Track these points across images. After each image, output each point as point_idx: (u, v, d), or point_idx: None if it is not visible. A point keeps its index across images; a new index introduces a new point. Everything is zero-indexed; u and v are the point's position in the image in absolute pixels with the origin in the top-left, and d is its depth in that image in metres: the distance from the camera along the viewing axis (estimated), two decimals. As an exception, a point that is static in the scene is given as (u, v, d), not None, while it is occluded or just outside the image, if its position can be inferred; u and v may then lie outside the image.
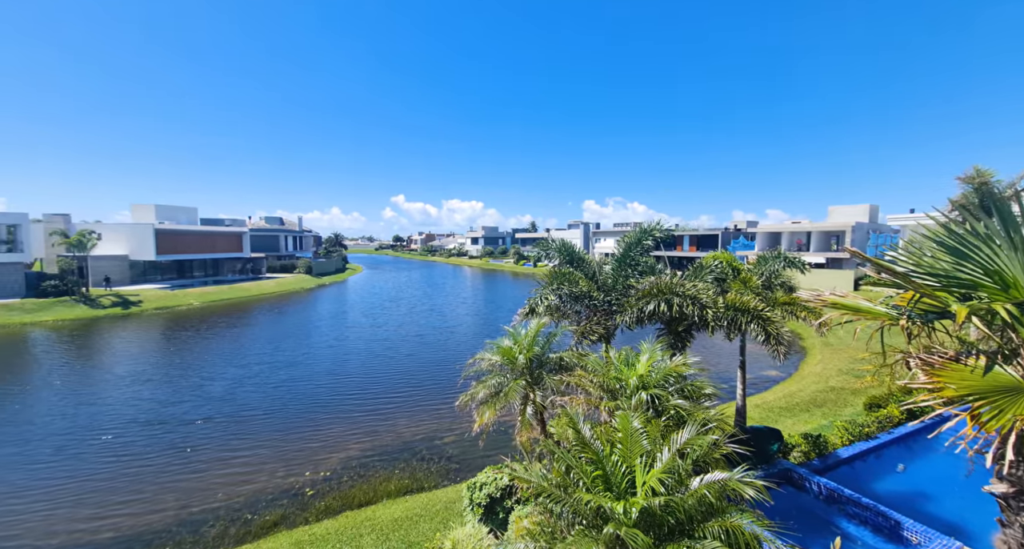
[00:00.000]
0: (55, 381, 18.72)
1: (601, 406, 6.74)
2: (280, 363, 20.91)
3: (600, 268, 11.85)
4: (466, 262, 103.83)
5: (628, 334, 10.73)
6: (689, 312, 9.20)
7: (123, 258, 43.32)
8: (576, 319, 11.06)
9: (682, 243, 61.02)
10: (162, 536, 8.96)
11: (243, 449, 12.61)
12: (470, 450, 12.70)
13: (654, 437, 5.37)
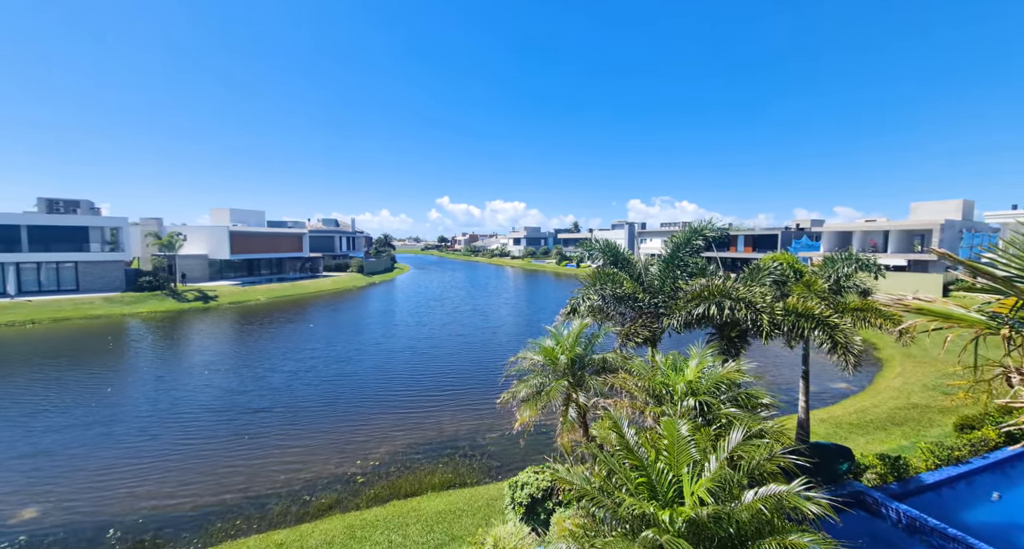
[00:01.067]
0: (145, 366, 21.24)
1: (646, 411, 6.53)
2: (332, 358, 22.25)
3: (646, 269, 11.48)
4: (508, 262, 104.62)
5: (675, 338, 10.31)
6: (742, 317, 8.67)
7: (203, 257, 48.21)
8: (620, 321, 10.79)
9: (736, 244, 57.47)
10: (234, 510, 9.87)
11: (301, 437, 13.56)
12: (511, 449, 12.79)
13: (703, 445, 5.13)
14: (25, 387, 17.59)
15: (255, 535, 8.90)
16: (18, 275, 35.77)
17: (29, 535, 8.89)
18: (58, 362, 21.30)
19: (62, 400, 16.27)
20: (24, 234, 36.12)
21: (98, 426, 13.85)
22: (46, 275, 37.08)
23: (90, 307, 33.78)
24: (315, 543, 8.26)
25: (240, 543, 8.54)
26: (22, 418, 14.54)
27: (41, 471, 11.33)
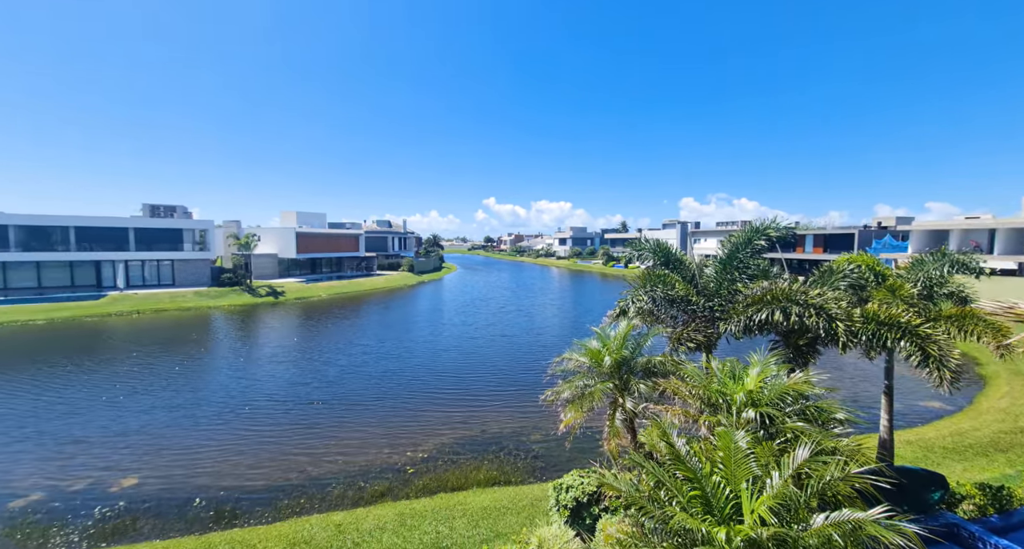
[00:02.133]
0: (223, 356, 23.63)
1: (700, 420, 6.19)
2: (383, 354, 23.38)
3: (700, 271, 10.90)
4: (553, 263, 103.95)
5: (734, 344, 9.68)
6: (812, 324, 7.94)
7: (273, 256, 52.76)
8: (671, 324, 10.33)
9: (804, 244, 52.79)
10: (298, 490, 10.71)
11: (355, 427, 14.40)
12: (556, 450, 12.70)
13: (764, 460, 4.78)
14: (125, 370, 20.28)
15: (316, 514, 9.58)
16: (126, 271, 41.32)
17: (128, 500, 10.24)
18: (152, 349, 24.33)
19: (153, 384, 18.56)
20: (131, 236, 41.66)
21: (182, 409, 15.60)
22: (148, 271, 42.50)
23: (183, 300, 38.23)
24: (369, 527, 8.74)
25: (304, 520, 9.24)
26: (122, 398, 16.77)
27: (137, 446, 12.99)
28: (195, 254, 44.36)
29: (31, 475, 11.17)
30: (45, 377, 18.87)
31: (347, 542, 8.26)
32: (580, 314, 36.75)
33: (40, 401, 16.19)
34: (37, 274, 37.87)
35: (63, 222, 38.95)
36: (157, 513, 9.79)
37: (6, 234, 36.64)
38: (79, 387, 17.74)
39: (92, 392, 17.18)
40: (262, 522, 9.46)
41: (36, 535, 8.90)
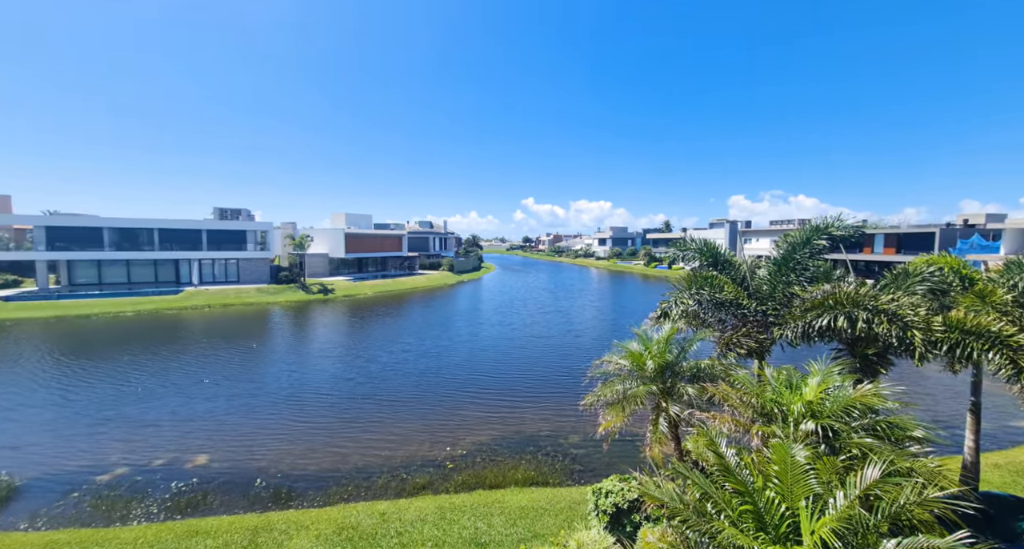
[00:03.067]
0: (279, 349, 25.38)
1: (752, 430, 5.85)
2: (422, 352, 24.09)
3: (752, 272, 10.28)
4: (592, 263, 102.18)
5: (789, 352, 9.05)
6: (882, 331, 7.25)
7: (324, 255, 55.97)
8: (719, 328, 9.82)
9: (872, 244, 48.25)
10: (346, 478, 11.31)
11: (397, 422, 14.94)
12: (594, 453, 12.50)
13: (826, 477, 4.43)
14: (193, 359, 22.32)
15: (362, 502, 10.06)
16: (199, 269, 45.53)
17: (200, 478, 11.27)
18: (217, 342, 26.61)
19: (216, 373, 20.27)
20: (204, 237, 45.83)
21: (241, 398, 16.90)
22: (218, 269, 46.56)
23: (246, 296, 41.53)
24: (411, 518, 9.05)
25: (351, 506, 9.74)
26: (190, 385, 18.47)
27: (205, 430, 14.27)
28: (257, 254, 48.01)
29: (115, 452, 12.61)
30: (127, 364, 21.21)
31: (391, 531, 8.60)
32: (620, 316, 35.87)
33: (122, 386, 18.22)
34: (127, 271, 42.69)
35: (148, 225, 43.60)
36: (224, 490, 10.71)
37: (101, 236, 41.59)
38: (154, 374, 19.77)
39: (164, 379, 19.09)
40: (314, 505, 10.08)
41: (120, 506, 10.02)
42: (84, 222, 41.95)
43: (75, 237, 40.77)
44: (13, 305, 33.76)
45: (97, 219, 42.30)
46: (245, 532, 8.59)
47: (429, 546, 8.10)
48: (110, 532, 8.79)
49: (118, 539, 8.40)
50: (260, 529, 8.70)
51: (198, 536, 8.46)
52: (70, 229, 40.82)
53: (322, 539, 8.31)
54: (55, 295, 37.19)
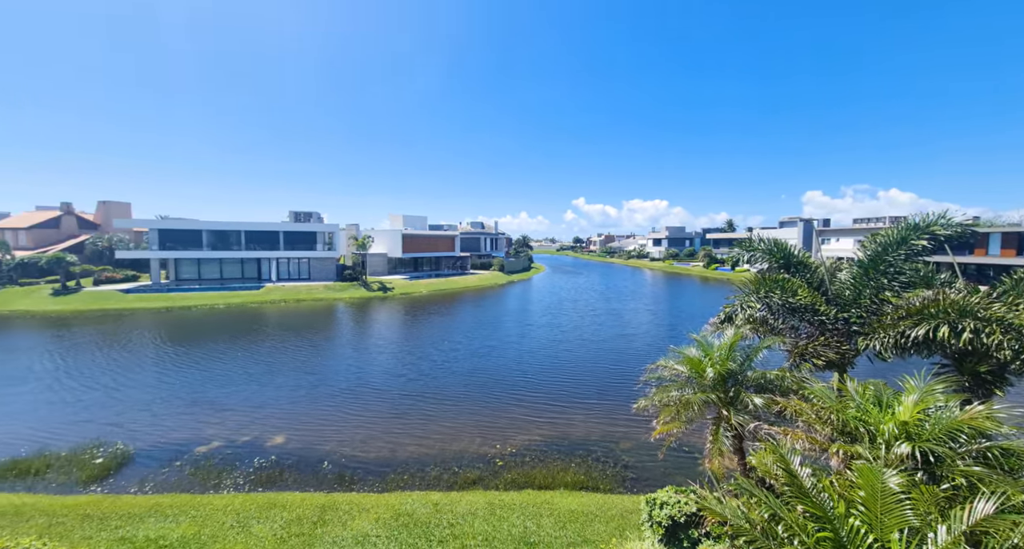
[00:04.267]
0: (341, 343, 27.26)
1: (831, 449, 5.30)
2: (472, 351, 24.62)
3: (831, 275, 9.32)
4: (647, 264, 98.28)
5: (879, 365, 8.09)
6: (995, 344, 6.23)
7: (383, 255, 59.33)
8: (791, 336, 9.02)
9: (986, 245, 41.54)
10: (402, 467, 11.91)
11: (448, 417, 15.42)
12: (648, 462, 12.03)
13: (924, 508, 3.90)
14: (266, 350, 24.65)
15: (417, 491, 10.53)
16: (276, 267, 50.31)
17: (277, 454, 12.44)
18: (287, 334, 29.17)
19: (286, 364, 22.21)
20: (281, 238, 50.59)
21: (304, 389, 18.28)
22: (292, 267, 51.16)
23: (316, 292, 45.21)
24: (462, 511, 9.31)
25: (406, 495, 10.23)
26: (263, 374, 20.40)
27: (280, 414, 15.70)
28: (325, 253, 52.07)
29: (210, 427, 14.30)
30: (215, 352, 23.97)
31: (443, 521, 8.91)
32: (676, 320, 34.14)
33: (210, 371, 20.61)
34: (220, 268, 48.31)
35: (237, 227, 48.99)
36: (297, 469, 11.75)
37: (201, 237, 47.44)
38: (236, 362, 22.12)
39: (243, 365, 21.29)
40: (373, 490, 10.72)
41: (213, 476, 11.35)
42: (187, 225, 48.11)
43: (180, 238, 46.93)
44: (132, 297, 39.58)
45: (197, 222, 48.31)
46: (315, 509, 9.35)
47: (479, 540, 8.27)
48: (205, 498, 9.99)
49: (211, 505, 9.52)
50: (327, 507, 9.43)
51: (276, 508, 9.36)
52: (177, 231, 47.08)
53: (381, 523, 8.81)
54: (164, 289, 43.07)
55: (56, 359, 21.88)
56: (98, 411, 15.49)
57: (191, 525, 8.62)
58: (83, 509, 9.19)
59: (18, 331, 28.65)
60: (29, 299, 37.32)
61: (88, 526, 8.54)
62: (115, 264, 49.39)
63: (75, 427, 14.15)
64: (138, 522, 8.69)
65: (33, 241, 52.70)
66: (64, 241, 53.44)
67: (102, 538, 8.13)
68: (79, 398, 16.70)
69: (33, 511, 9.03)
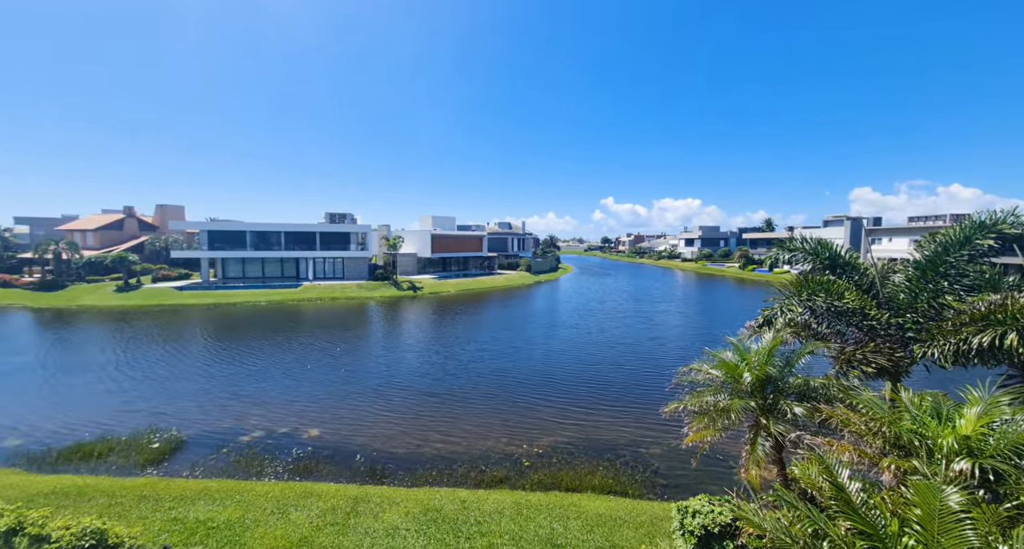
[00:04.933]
0: (373, 340, 28.06)
1: (883, 464, 4.97)
2: (499, 352, 24.76)
3: (883, 277, 8.73)
4: (678, 265, 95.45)
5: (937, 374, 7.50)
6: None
7: (413, 255, 60.69)
8: (837, 342, 8.50)
9: (1063, 243, 37.43)
10: (430, 463, 12.15)
11: (476, 415, 15.59)
12: (679, 468, 11.68)
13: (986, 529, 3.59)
14: (303, 347, 25.72)
15: (445, 488, 10.71)
16: (313, 266, 52.52)
17: (313, 446, 12.99)
18: (322, 331, 30.33)
19: (319, 360, 23.09)
20: (318, 238, 52.78)
21: (337, 384, 18.89)
22: (327, 266, 53.26)
23: (349, 291, 46.85)
24: (489, 509, 9.38)
25: (435, 490, 10.42)
26: (299, 370, 21.30)
27: (313, 409, 16.36)
28: (358, 253, 53.87)
29: (253, 417, 15.11)
30: (256, 347, 25.28)
31: (470, 519, 9.01)
32: (710, 323, 32.94)
33: (253, 365, 21.75)
34: (262, 267, 50.97)
35: (277, 228, 51.53)
36: (331, 461, 12.22)
37: (244, 238, 50.22)
38: (274, 357, 23.24)
39: (281, 361, 22.33)
40: (403, 484, 10.99)
41: (255, 464, 11.98)
42: (233, 227, 51.05)
43: (227, 239, 49.87)
44: (185, 293, 42.44)
45: (242, 224, 51.16)
46: (348, 500, 9.70)
47: (507, 539, 8.31)
48: (248, 484, 10.57)
49: (253, 492, 10.06)
50: (359, 499, 9.75)
51: (312, 497, 9.77)
52: (224, 232, 50.07)
53: (410, 517, 9.02)
54: (213, 286, 45.90)
55: (117, 351, 23.79)
56: (152, 399, 16.72)
57: (236, 509, 9.14)
58: (140, 490, 9.93)
59: (85, 324, 31.37)
60: (95, 295, 40.76)
61: (144, 506, 9.23)
62: (170, 263, 53.15)
63: (131, 414, 15.33)
64: (189, 504, 9.31)
65: (99, 242, 57.53)
66: (127, 242, 58.03)
67: (156, 518, 8.77)
68: (135, 387, 18.09)
69: (95, 492, 9.85)
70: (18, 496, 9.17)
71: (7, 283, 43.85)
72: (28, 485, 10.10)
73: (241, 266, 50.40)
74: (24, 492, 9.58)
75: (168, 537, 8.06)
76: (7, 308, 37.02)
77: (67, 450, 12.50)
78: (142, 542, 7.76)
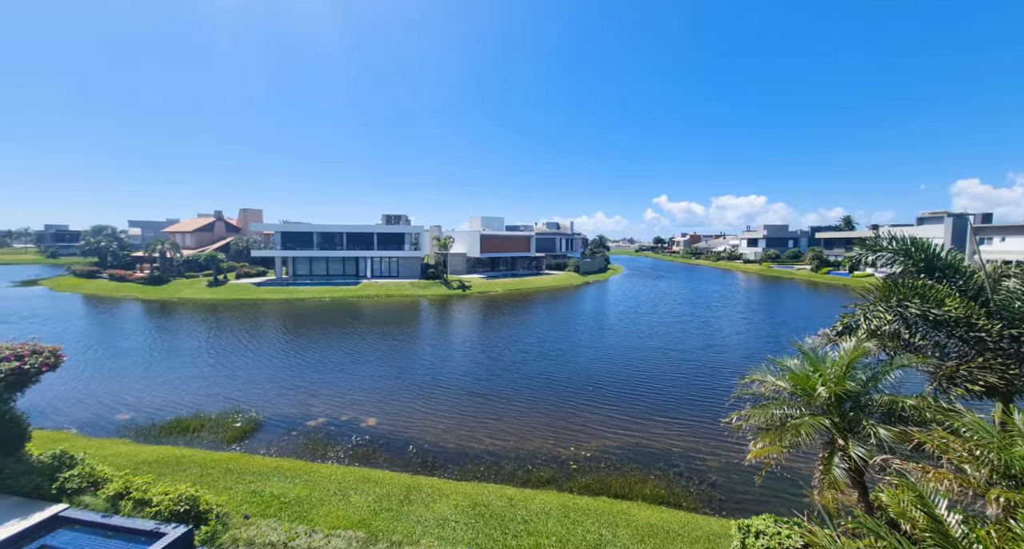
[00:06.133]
0: (424, 338, 29.14)
1: (989, 495, 4.31)
2: (546, 353, 24.65)
3: (994, 283, 7.57)
4: (739, 267, 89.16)
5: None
6: None
7: (463, 255, 62.30)
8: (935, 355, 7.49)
9: None
10: (478, 458, 12.41)
11: (523, 415, 15.66)
12: (739, 484, 10.94)
13: None
14: (362, 341, 27.30)
15: (492, 484, 10.88)
16: (371, 265, 55.74)
17: (370, 435, 13.78)
18: (378, 327, 32.00)
19: (371, 355, 24.35)
20: (375, 239, 55.96)
21: (390, 379, 19.79)
22: (383, 265, 56.29)
23: (403, 289, 49.16)
24: (536, 509, 9.40)
25: (483, 486, 10.63)
26: (358, 363, 22.62)
27: (371, 400, 17.33)
28: (412, 253, 56.36)
29: (317, 404, 16.34)
30: (318, 340, 27.26)
31: (517, 517, 9.09)
32: (776, 330, 30.42)
33: (317, 356, 23.49)
34: (326, 266, 55.03)
35: (340, 229, 55.36)
36: (386, 449, 12.91)
37: (311, 239, 54.49)
38: (337, 350, 24.92)
39: (343, 353, 23.88)
40: (452, 477, 11.33)
41: (320, 447, 12.95)
42: (302, 228, 55.64)
43: (297, 240, 54.46)
44: (261, 289, 46.92)
45: (310, 225, 55.59)
46: (401, 488, 10.19)
47: (553, 540, 8.27)
48: (313, 466, 11.47)
49: (318, 473, 10.90)
50: (412, 488, 10.20)
51: (369, 483, 10.39)
52: (294, 234, 54.74)
53: (459, 510, 9.28)
54: (285, 283, 50.34)
55: (207, 339, 26.88)
56: (232, 383, 18.67)
57: (304, 487, 9.96)
58: (226, 464, 11.14)
59: (182, 314, 35.77)
60: (192, 288, 46.34)
61: (229, 478, 10.34)
62: (250, 261, 59.08)
63: (217, 396, 17.22)
64: (265, 479, 10.30)
65: (195, 242, 65.37)
66: (216, 242, 65.42)
67: (239, 490, 9.79)
68: (220, 371, 20.31)
69: (190, 462, 11.19)
70: (126, 464, 10.67)
71: (123, 278, 51.22)
72: (135, 454, 11.71)
73: (309, 264, 54.74)
74: (131, 460, 11.12)
75: (248, 508, 8.97)
76: (122, 299, 43.21)
77: (167, 424, 14.34)
78: (227, 510, 8.72)
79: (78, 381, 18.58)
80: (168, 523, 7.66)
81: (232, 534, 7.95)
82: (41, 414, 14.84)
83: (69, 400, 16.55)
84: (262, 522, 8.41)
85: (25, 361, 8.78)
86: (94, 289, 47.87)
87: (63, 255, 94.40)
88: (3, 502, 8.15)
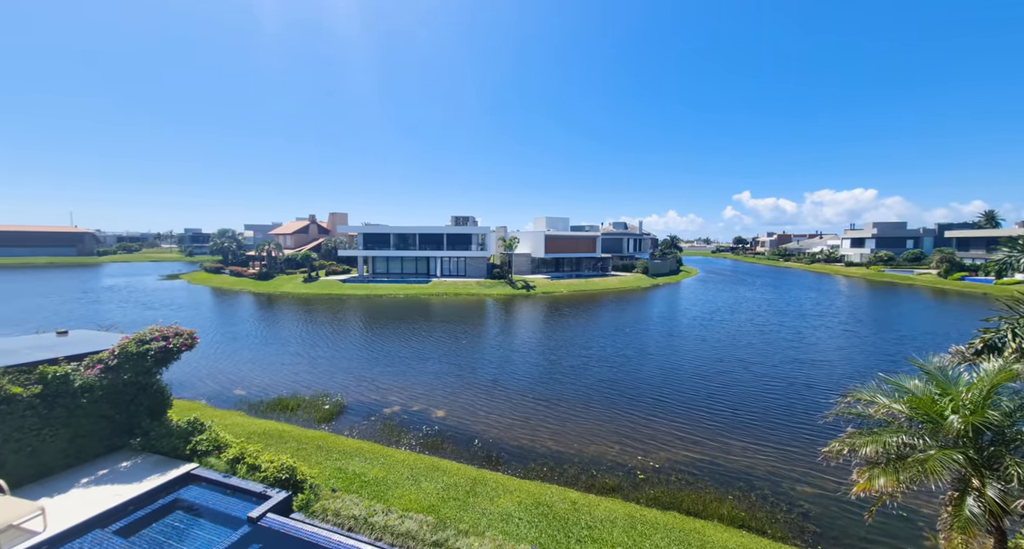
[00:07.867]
0: (488, 336, 29.83)
1: None
2: (611, 357, 23.84)
3: None
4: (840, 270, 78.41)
5: None
6: None
7: (527, 255, 62.79)
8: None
9: None
10: (543, 457, 12.43)
11: (588, 419, 15.32)
12: (838, 516, 9.66)
13: None
14: (432, 337, 28.68)
15: (555, 485, 10.83)
16: (441, 264, 58.58)
17: (440, 426, 14.48)
18: (447, 324, 33.39)
19: (435, 351, 25.41)
20: (445, 239, 58.72)
21: (458, 374, 20.48)
22: (452, 265, 58.85)
23: (470, 288, 50.94)
24: (600, 516, 9.16)
25: (546, 486, 10.62)
26: (430, 358, 23.77)
27: (440, 393, 18.17)
28: (478, 253, 58.17)
29: (392, 393, 17.56)
30: (394, 335, 29.20)
31: (581, 521, 8.94)
32: (888, 346, 26.25)
33: (392, 348, 25.18)
34: (401, 265, 59.01)
35: (413, 230, 59.03)
36: (454, 441, 13.48)
37: (388, 239, 58.77)
38: (412, 344, 26.49)
39: (417, 347, 25.32)
40: (515, 474, 11.47)
41: (394, 435, 13.91)
42: (381, 230, 60.29)
43: (377, 240, 59.16)
44: (346, 285, 51.72)
45: (387, 227, 60.04)
46: (467, 479, 10.57)
47: (618, 551, 8.00)
48: (389, 450, 12.37)
49: (393, 457, 11.73)
50: (477, 481, 10.53)
51: (438, 472, 10.93)
52: (374, 235, 59.53)
53: (523, 507, 9.38)
54: (366, 280, 54.98)
55: (303, 329, 30.29)
56: (323, 368, 20.79)
57: (380, 469, 10.78)
58: (317, 441, 12.47)
59: (283, 306, 40.73)
60: (291, 284, 52.60)
61: (319, 454, 11.55)
62: (337, 260, 65.52)
63: (310, 379, 19.31)
64: (348, 458, 11.34)
65: (294, 243, 74.17)
66: (310, 243, 73.61)
67: (327, 465, 10.89)
68: (313, 358, 22.75)
69: (288, 437, 12.69)
70: (241, 433, 12.39)
71: (239, 274, 59.76)
72: (247, 425, 13.57)
73: (386, 263, 59.14)
74: (244, 430, 12.89)
75: (335, 482, 9.95)
76: (239, 292, 50.41)
77: (272, 402, 16.42)
78: (318, 482, 9.75)
79: (205, 360, 22.07)
80: (273, 488, 8.80)
81: (322, 504, 8.87)
82: (180, 386, 17.87)
83: (200, 375, 19.74)
84: (346, 496, 9.26)
85: (169, 341, 10.64)
86: (219, 283, 56.55)
87: (197, 254, 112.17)
88: (148, 459, 9.97)
